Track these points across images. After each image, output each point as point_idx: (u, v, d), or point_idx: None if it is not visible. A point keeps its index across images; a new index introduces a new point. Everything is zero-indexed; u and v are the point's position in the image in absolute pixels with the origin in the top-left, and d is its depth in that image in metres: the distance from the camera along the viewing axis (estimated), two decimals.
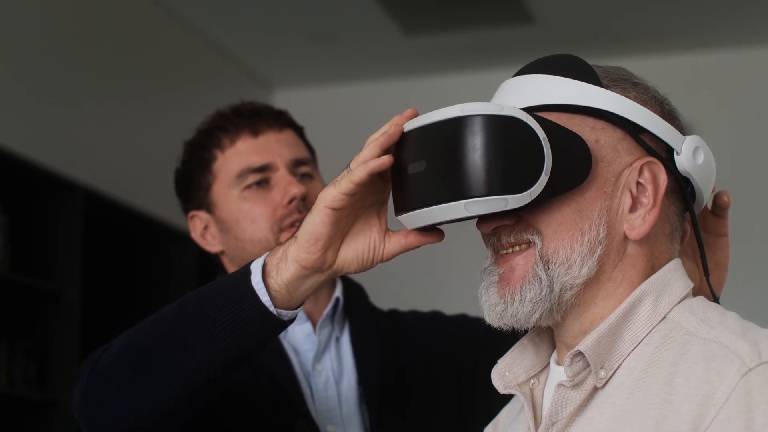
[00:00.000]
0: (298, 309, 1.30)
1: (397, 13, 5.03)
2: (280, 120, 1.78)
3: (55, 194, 3.95)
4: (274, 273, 1.26)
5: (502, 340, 1.30)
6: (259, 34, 5.30)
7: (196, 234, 1.78)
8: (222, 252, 1.77)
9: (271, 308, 1.27)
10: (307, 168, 1.76)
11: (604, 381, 1.13)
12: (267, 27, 5.21)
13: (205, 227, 1.77)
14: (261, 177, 1.72)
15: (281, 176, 1.72)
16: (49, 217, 3.94)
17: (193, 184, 1.77)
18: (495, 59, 5.47)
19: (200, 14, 5.09)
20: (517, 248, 1.17)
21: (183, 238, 4.55)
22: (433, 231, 1.24)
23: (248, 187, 1.72)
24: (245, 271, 1.28)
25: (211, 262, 1.83)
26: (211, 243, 1.77)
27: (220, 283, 1.32)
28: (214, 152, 1.75)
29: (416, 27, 5.20)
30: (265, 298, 1.26)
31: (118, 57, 4.66)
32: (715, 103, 5.40)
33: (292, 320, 1.30)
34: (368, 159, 1.20)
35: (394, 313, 1.82)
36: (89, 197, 4.06)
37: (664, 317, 1.15)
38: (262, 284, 1.26)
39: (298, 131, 1.80)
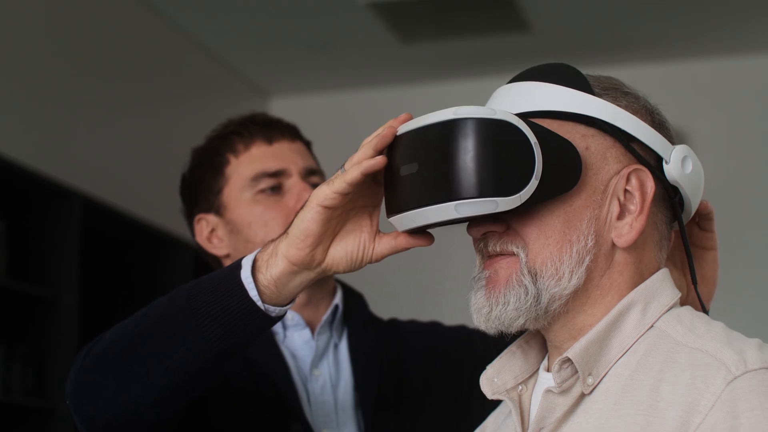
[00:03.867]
0: (287, 306, 1.31)
1: (394, 21, 5.04)
2: (292, 132, 1.81)
3: (52, 201, 3.95)
4: (264, 268, 1.27)
5: (498, 349, 1.31)
6: (255, 43, 5.31)
7: (201, 237, 1.79)
8: (227, 255, 1.78)
9: (259, 303, 1.27)
10: (318, 179, 1.78)
11: (592, 387, 1.14)
12: (264, 35, 5.22)
13: (212, 230, 1.79)
14: (275, 182, 1.75)
15: (295, 182, 1.75)
16: (47, 224, 3.94)
17: (202, 188, 1.79)
18: (491, 67, 5.48)
19: (198, 23, 5.10)
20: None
21: (179, 245, 4.56)
22: (423, 234, 1.25)
23: (262, 191, 1.75)
24: (235, 266, 1.30)
25: (208, 269, 1.84)
26: (218, 246, 1.79)
27: (211, 277, 1.33)
28: (228, 156, 1.77)
29: (412, 35, 5.21)
30: (253, 293, 1.27)
31: (115, 66, 4.67)
32: (712, 111, 5.41)
33: (280, 317, 1.31)
34: (362, 160, 1.21)
35: (393, 322, 1.83)
36: (86, 205, 4.07)
37: (652, 326, 1.16)
38: (251, 279, 1.27)
39: (307, 146, 1.84)
